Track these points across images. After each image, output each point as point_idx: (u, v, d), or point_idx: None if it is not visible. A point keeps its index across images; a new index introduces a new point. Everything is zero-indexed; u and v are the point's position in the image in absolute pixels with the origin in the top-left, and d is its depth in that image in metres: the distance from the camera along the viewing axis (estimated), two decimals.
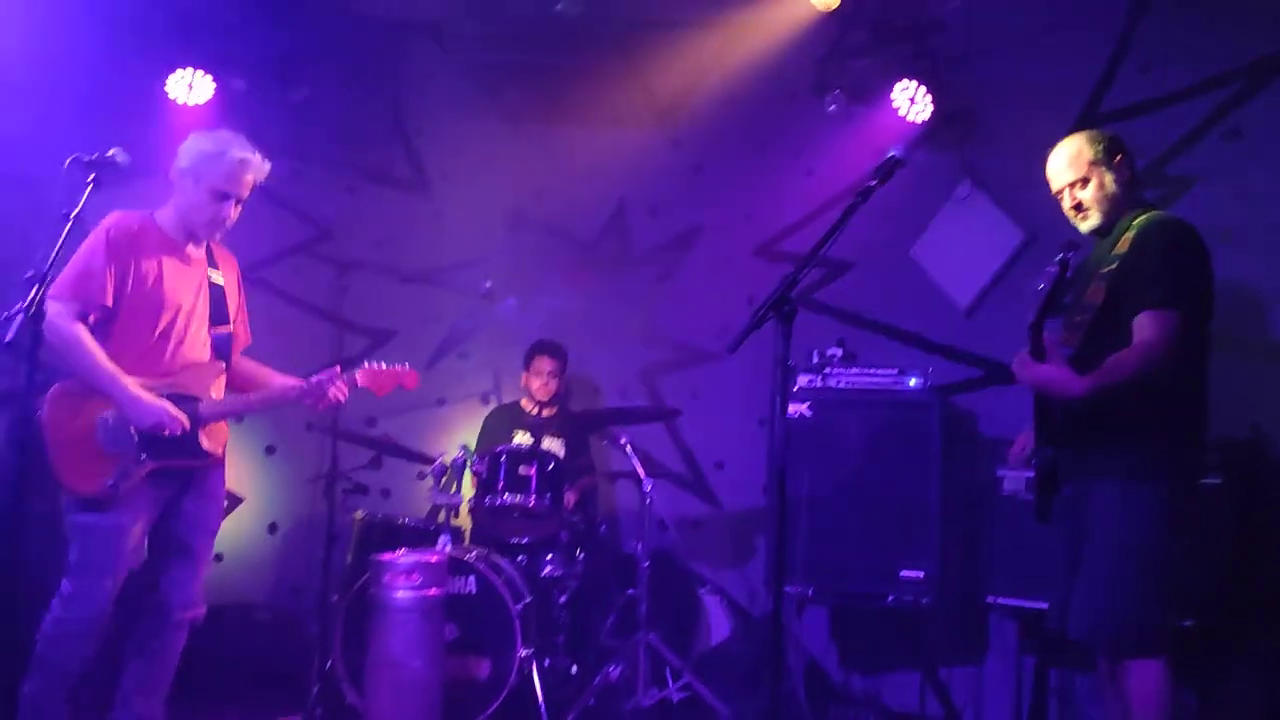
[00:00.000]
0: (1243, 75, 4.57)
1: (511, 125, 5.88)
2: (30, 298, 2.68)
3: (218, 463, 3.59)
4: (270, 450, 5.70)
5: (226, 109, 5.42)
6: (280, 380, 3.77)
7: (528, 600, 4.53)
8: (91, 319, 3.38)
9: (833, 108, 5.27)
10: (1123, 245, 3.11)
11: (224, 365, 3.64)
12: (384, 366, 3.80)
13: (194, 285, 3.57)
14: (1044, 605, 3.25)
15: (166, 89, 5.31)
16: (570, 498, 5.01)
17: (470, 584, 4.37)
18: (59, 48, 5.13)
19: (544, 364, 5.31)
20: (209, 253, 3.66)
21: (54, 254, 2.80)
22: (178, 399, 3.45)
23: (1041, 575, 3.27)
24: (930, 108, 5.03)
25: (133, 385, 3.36)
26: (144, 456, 3.37)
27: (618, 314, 5.81)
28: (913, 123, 5.09)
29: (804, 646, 4.64)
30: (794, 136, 5.57)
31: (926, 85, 5.01)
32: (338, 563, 4.84)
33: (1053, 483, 3.08)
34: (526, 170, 5.87)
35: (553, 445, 5.07)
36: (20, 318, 2.65)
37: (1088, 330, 3.06)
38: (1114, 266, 3.08)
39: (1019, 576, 4.15)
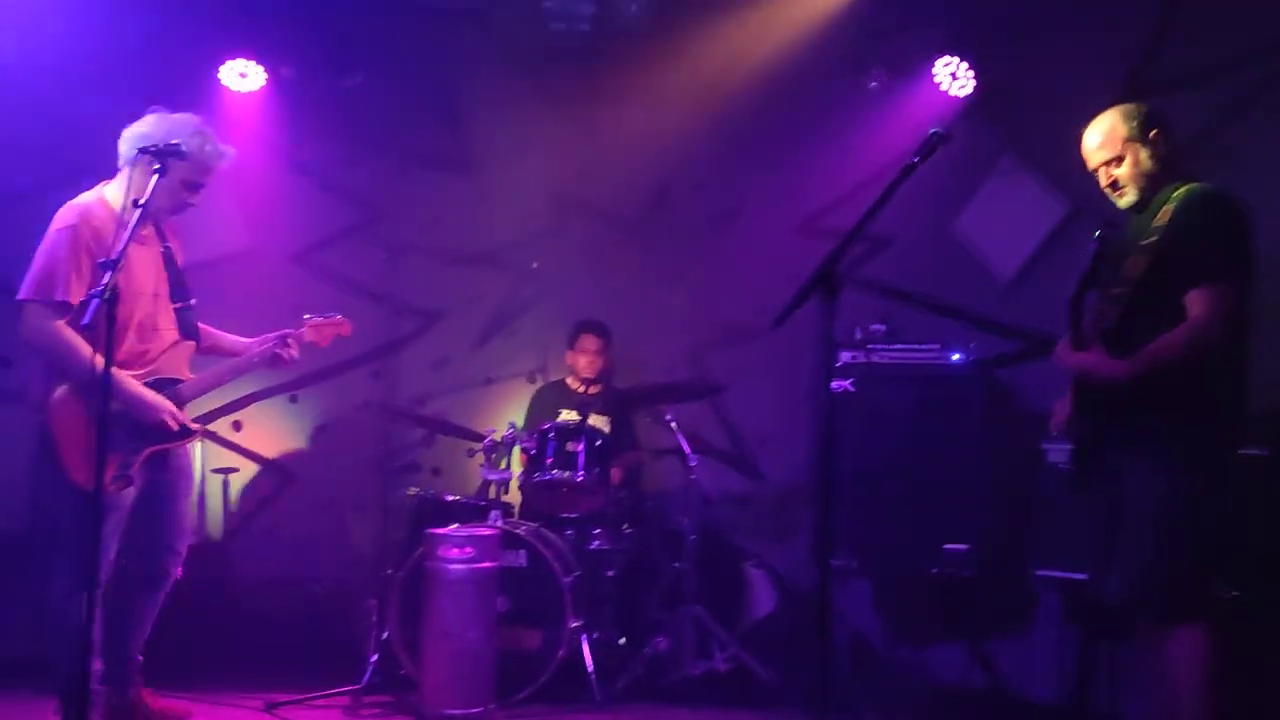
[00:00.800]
0: None
1: (556, 108, 5.95)
2: (104, 282, 2.78)
3: (197, 438, 3.84)
4: (322, 430, 5.85)
5: (278, 97, 5.56)
6: (233, 343, 3.94)
7: (577, 573, 4.63)
8: (70, 319, 3.37)
9: (874, 84, 5.28)
10: (1162, 218, 3.12)
11: (194, 342, 3.77)
12: (323, 319, 4.05)
13: (155, 265, 3.66)
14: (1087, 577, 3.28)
15: (220, 77, 5.44)
16: (616, 474, 5.10)
17: (521, 557, 4.48)
18: (112, 37, 5.26)
19: (589, 342, 5.40)
20: (157, 226, 3.71)
21: (126, 241, 2.90)
22: (160, 384, 3.62)
23: (1086, 547, 3.30)
24: (973, 82, 5.04)
25: (131, 382, 3.51)
26: (142, 445, 3.57)
27: (662, 292, 5.88)
28: (955, 98, 5.10)
29: (848, 619, 4.69)
30: (835, 114, 5.58)
31: (968, 60, 5.01)
32: (391, 538, 4.97)
33: (1092, 453, 3.11)
34: (571, 152, 5.94)
35: (599, 422, 5.16)
36: (96, 302, 2.76)
37: (1126, 303, 3.08)
38: (1154, 239, 3.09)
39: (1063, 548, 4.17)
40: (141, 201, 3.01)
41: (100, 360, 3.18)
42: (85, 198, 3.57)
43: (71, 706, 3.48)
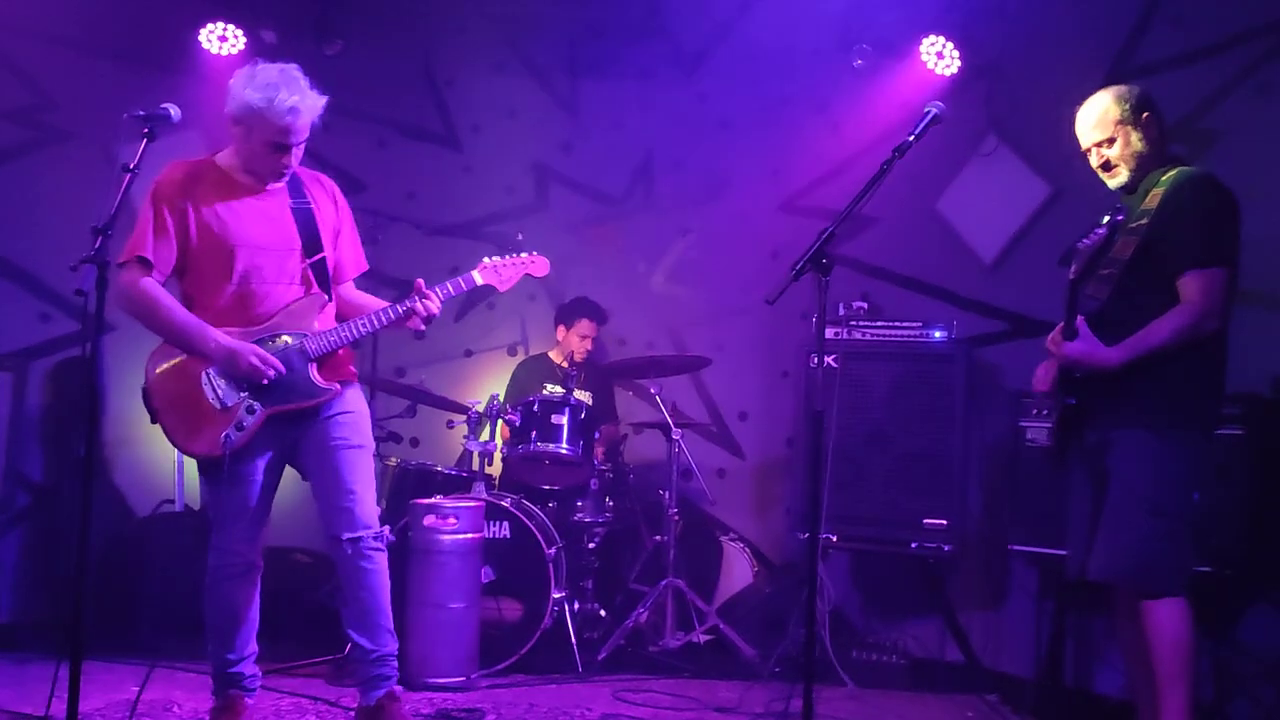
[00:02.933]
0: (1274, 29, 4.58)
1: (539, 79, 5.93)
2: (96, 247, 2.76)
3: (339, 394, 3.37)
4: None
5: (258, 61, 5.46)
6: (374, 306, 3.51)
7: (560, 545, 4.66)
8: (159, 277, 3.27)
9: (859, 62, 5.29)
10: (1151, 201, 3.16)
11: (326, 295, 3.40)
12: (505, 259, 3.59)
13: (274, 219, 3.35)
14: (1065, 553, 3.33)
15: (200, 40, 5.36)
16: (599, 447, 5.12)
17: (505, 529, 4.50)
18: (92, 1, 5.18)
19: (587, 327, 5.43)
20: (292, 180, 3.42)
21: (115, 206, 2.88)
22: (277, 339, 3.31)
23: (1063, 524, 3.36)
24: (958, 62, 5.06)
25: (218, 334, 3.24)
26: (255, 405, 3.26)
27: (643, 268, 5.89)
28: (940, 77, 5.12)
29: (827, 593, 4.75)
30: (820, 91, 5.58)
31: (953, 39, 5.03)
32: None
33: (1072, 430, 3.16)
34: (554, 124, 5.93)
35: (582, 396, 5.17)
36: (91, 266, 2.73)
37: (1115, 283, 3.12)
38: (1143, 222, 3.13)
39: (1041, 525, 4.24)
40: (132, 166, 2.96)
41: (192, 318, 3.22)
42: (192, 158, 3.44)
43: (218, 685, 3.47)
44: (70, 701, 2.76)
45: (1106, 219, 3.02)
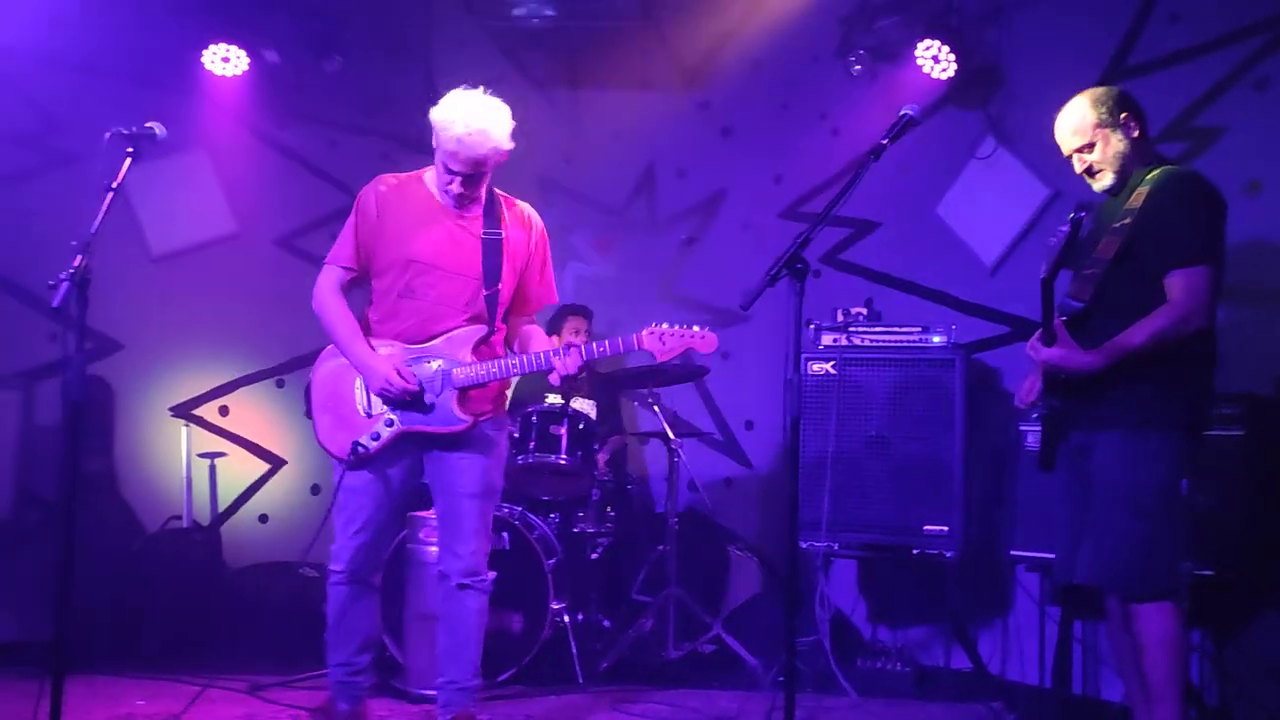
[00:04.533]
0: (1272, 25, 4.53)
1: (539, 91, 5.96)
2: (75, 265, 2.80)
3: (477, 429, 3.37)
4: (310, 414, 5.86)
5: (261, 81, 5.56)
6: (537, 345, 3.50)
7: (560, 556, 4.66)
8: (348, 279, 3.42)
9: (857, 68, 5.28)
10: (1136, 200, 3.13)
11: (489, 328, 3.39)
12: (674, 329, 3.42)
13: (459, 244, 3.36)
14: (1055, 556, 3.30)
15: (203, 62, 5.44)
16: (601, 457, 5.13)
17: (504, 540, 4.50)
18: (96, 21, 5.26)
19: (577, 324, 5.43)
20: (490, 210, 3.44)
21: (98, 224, 2.91)
22: (429, 362, 3.35)
23: (1054, 526, 3.32)
24: (954, 66, 5.04)
25: (366, 348, 3.33)
26: (394, 419, 3.33)
27: (647, 277, 5.90)
28: (937, 81, 5.10)
29: (830, 601, 4.72)
30: (820, 97, 5.59)
31: (950, 43, 5.01)
32: None
33: (1059, 433, 3.13)
34: (555, 135, 5.95)
35: (583, 406, 5.18)
36: (66, 284, 2.76)
37: (1098, 283, 3.10)
38: (1127, 221, 3.10)
39: (1043, 529, 4.19)
40: (114, 185, 3.00)
41: (350, 328, 3.35)
42: (405, 173, 3.51)
43: (334, 692, 3.52)
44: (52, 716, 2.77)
45: (1070, 216, 3.00)
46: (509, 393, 3.62)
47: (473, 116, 3.23)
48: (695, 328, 3.44)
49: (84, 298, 2.80)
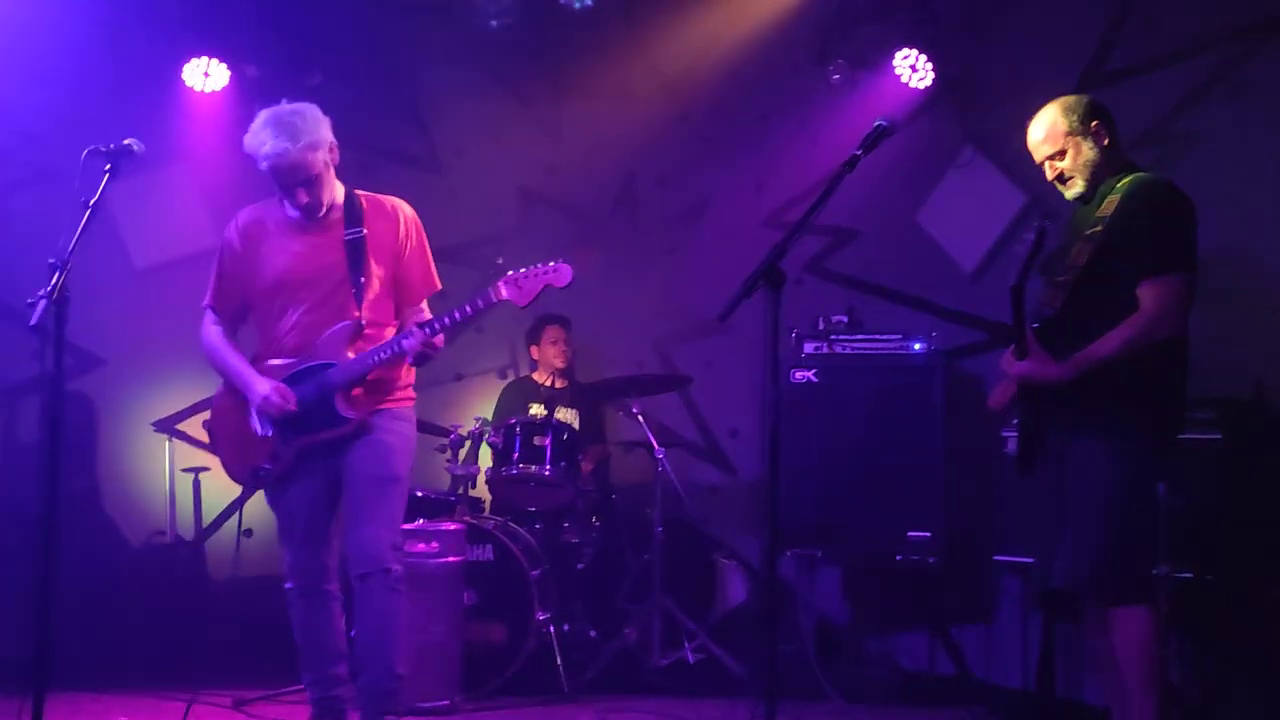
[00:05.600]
0: (1248, 31, 4.58)
1: (521, 103, 5.98)
2: (53, 283, 2.80)
3: (365, 424, 3.40)
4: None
5: (241, 95, 5.55)
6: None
7: (545, 567, 4.67)
8: (225, 320, 3.57)
9: (836, 77, 5.32)
10: (1107, 208, 3.15)
11: (360, 323, 3.41)
12: (526, 270, 3.40)
13: (320, 252, 3.43)
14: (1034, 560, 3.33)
15: (183, 77, 5.44)
16: (585, 467, 5.13)
17: (488, 551, 4.51)
18: (74, 36, 5.26)
19: (555, 333, 5.45)
20: (350, 210, 3.48)
21: (75, 240, 2.92)
22: (308, 371, 3.40)
23: (1033, 531, 3.35)
24: (931, 75, 5.07)
25: (247, 371, 3.46)
26: (287, 437, 3.41)
27: (630, 287, 5.90)
28: (916, 89, 5.13)
29: (814, 607, 4.74)
30: (800, 106, 5.61)
31: (927, 52, 5.05)
32: None
33: (1035, 437, 3.15)
34: (536, 147, 5.97)
35: (566, 416, 5.19)
36: (44, 302, 2.76)
37: (1070, 290, 3.12)
38: (1097, 229, 3.12)
39: (1025, 534, 4.22)
40: (91, 202, 3.00)
41: (236, 358, 3.48)
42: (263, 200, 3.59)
43: (315, 711, 3.51)
44: None
45: (1036, 225, 3.02)
46: (410, 389, 3.58)
47: (269, 133, 3.33)
48: (550, 263, 3.40)
49: (62, 315, 2.80)
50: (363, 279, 3.42)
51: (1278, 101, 4.57)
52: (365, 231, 3.47)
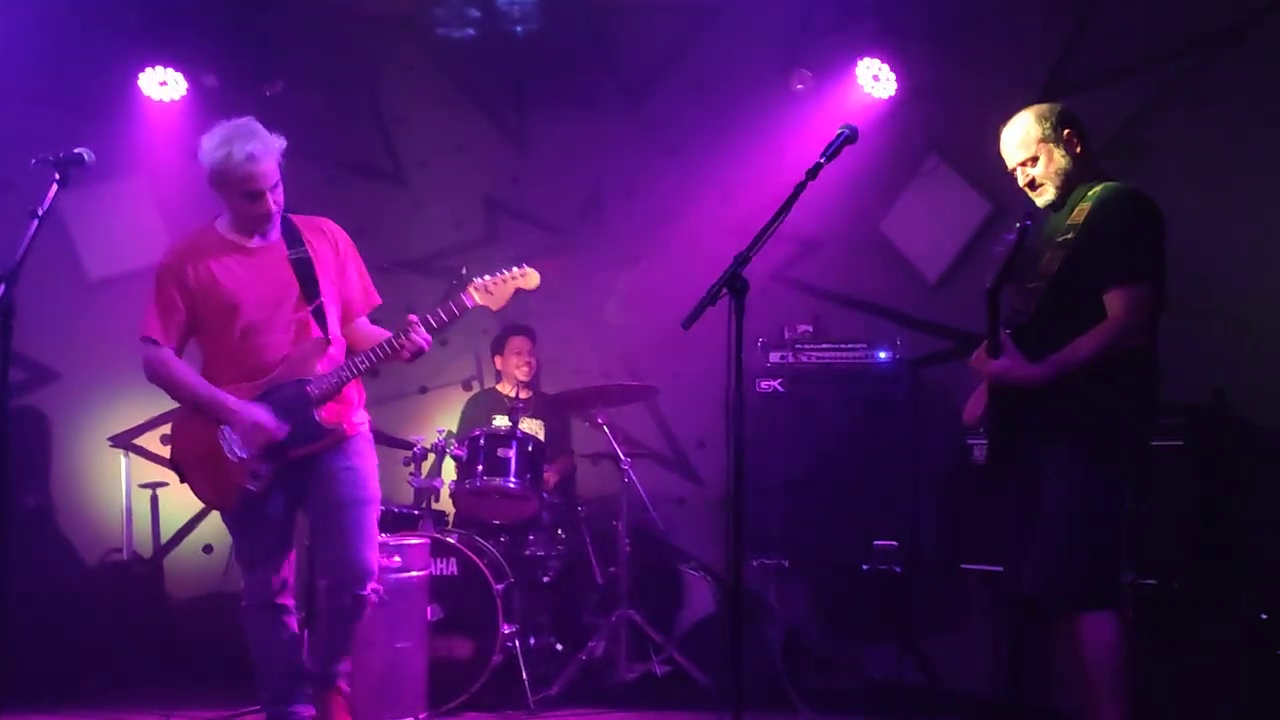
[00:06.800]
0: (1203, 42, 4.63)
1: (485, 113, 5.94)
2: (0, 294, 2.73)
3: (345, 435, 3.50)
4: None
5: (200, 105, 5.48)
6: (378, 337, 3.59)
7: (510, 580, 4.61)
8: (170, 349, 3.47)
9: (800, 86, 5.33)
10: (1078, 216, 3.16)
11: (325, 338, 3.49)
12: (496, 276, 3.58)
13: (269, 273, 3.48)
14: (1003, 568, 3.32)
15: (140, 86, 5.36)
16: (550, 479, 5.09)
17: (452, 565, 4.45)
18: (29, 46, 5.18)
19: (520, 344, 5.41)
20: (288, 231, 3.55)
21: (23, 251, 2.85)
22: (280, 388, 3.43)
23: (1003, 539, 3.35)
24: (894, 84, 5.09)
25: (227, 398, 3.40)
26: (267, 459, 3.41)
27: (596, 298, 5.87)
28: (878, 99, 5.15)
29: (781, 618, 4.71)
30: (764, 116, 5.59)
31: (890, 62, 5.06)
32: None
33: (1004, 446, 3.15)
34: (501, 158, 5.94)
35: (531, 427, 5.14)
36: None
37: (1041, 298, 3.13)
38: (1069, 237, 3.13)
39: (992, 542, 4.22)
40: (40, 213, 2.94)
41: (207, 388, 3.42)
42: (196, 226, 3.59)
43: None
44: None
45: (1017, 225, 3.03)
46: (363, 409, 3.65)
47: (236, 143, 3.36)
48: (516, 268, 3.59)
49: (7, 327, 2.74)
50: (319, 297, 3.49)
51: (1235, 112, 4.63)
52: (309, 250, 3.54)
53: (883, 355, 4.74)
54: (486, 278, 3.56)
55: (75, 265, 5.51)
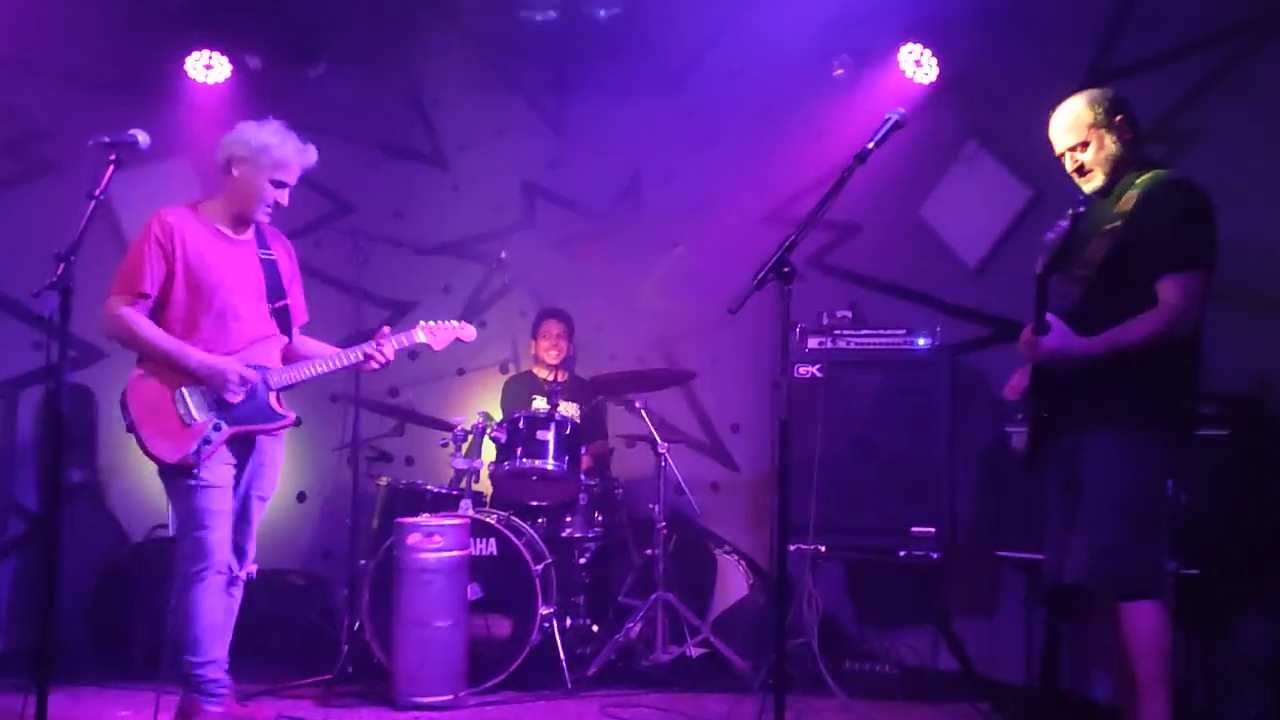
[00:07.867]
0: (1249, 28, 4.58)
1: (525, 98, 5.96)
2: (59, 273, 2.79)
3: (291, 424, 3.80)
4: (296, 422, 5.84)
5: (243, 87, 5.54)
6: (315, 350, 3.97)
7: (548, 561, 4.66)
8: (143, 307, 3.63)
9: (839, 72, 5.31)
10: (1126, 204, 3.15)
11: (286, 338, 3.86)
12: (440, 324, 4.12)
13: (244, 265, 3.77)
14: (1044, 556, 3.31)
15: (185, 69, 5.41)
16: (586, 461, 5.13)
17: (492, 546, 4.50)
18: (76, 29, 5.24)
19: (553, 327, 5.46)
20: (258, 234, 3.86)
21: (80, 232, 2.91)
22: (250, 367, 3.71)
23: (1042, 527, 3.34)
24: (936, 69, 5.06)
25: (199, 353, 3.60)
26: (221, 423, 3.61)
27: (633, 282, 5.89)
28: (919, 85, 5.12)
29: (818, 603, 4.73)
30: (803, 101, 5.59)
31: (931, 47, 5.04)
32: (364, 528, 4.97)
33: (1045, 434, 3.14)
34: (540, 142, 5.96)
35: (569, 410, 5.18)
36: (53, 293, 2.76)
37: (1088, 285, 3.11)
38: (1117, 224, 3.12)
39: (1029, 530, 4.21)
40: (97, 193, 2.99)
41: (173, 339, 3.59)
42: (178, 205, 3.82)
43: (205, 691, 3.64)
44: None
45: (1070, 212, 3.02)
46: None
47: (296, 140, 3.77)
48: (454, 323, 4.17)
49: (66, 306, 2.79)
50: (285, 299, 3.85)
51: (1278, 98, 4.58)
52: (275, 255, 3.88)
53: (921, 341, 4.73)
54: (433, 323, 4.10)
55: (121, 246, 5.55)
